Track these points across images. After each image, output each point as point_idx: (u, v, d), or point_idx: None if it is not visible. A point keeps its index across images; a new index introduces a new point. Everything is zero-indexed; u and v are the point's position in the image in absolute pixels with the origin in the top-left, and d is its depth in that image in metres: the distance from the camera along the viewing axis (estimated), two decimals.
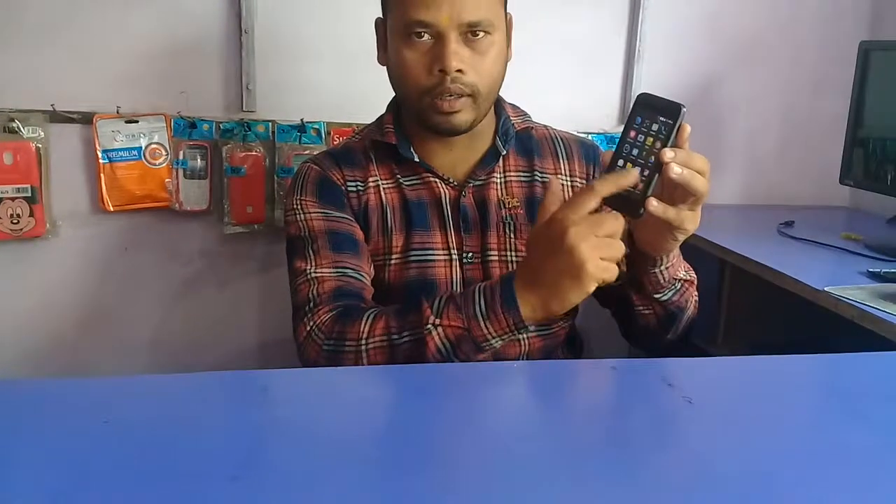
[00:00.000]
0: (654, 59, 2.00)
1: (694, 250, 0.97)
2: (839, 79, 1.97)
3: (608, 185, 0.86)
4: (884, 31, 2.07)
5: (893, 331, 1.14)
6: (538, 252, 0.91)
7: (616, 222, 0.87)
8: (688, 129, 0.88)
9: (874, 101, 1.78)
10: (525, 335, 0.93)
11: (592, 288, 0.88)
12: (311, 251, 1.13)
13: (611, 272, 0.87)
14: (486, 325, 0.94)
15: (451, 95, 1.08)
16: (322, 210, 1.16)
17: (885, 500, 0.59)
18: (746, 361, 0.92)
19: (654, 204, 0.87)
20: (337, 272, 1.11)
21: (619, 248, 0.87)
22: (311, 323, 1.05)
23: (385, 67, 1.18)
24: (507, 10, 1.16)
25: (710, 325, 1.70)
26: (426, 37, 1.08)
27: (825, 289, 1.30)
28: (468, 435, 0.69)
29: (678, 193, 0.89)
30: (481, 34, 1.09)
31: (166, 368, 1.89)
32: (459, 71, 1.07)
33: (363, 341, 1.00)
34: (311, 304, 1.08)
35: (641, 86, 2.00)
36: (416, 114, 1.14)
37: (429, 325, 0.96)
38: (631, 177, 0.86)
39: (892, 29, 2.05)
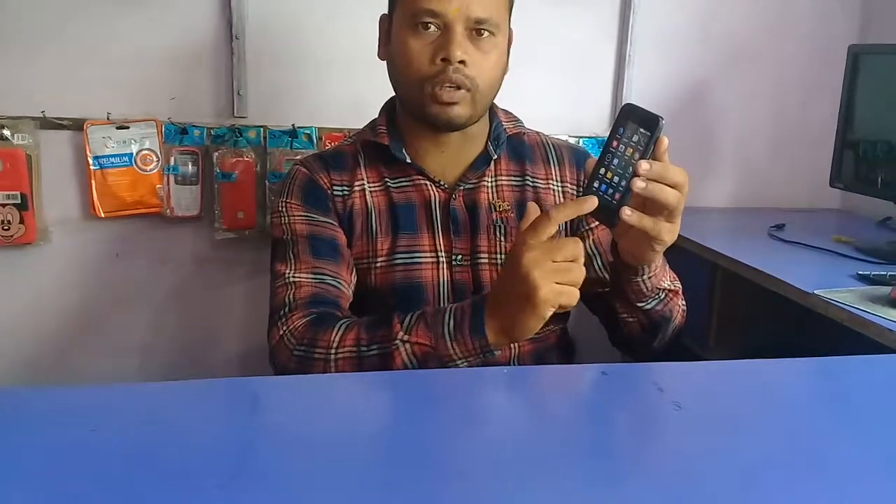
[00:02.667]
0: (644, 63, 2.01)
1: (685, 254, 0.97)
2: (829, 82, 1.98)
3: (565, 213, 0.88)
4: (872, 34, 2.08)
5: (882, 333, 1.15)
6: (504, 278, 0.93)
7: (575, 247, 0.89)
8: (665, 141, 0.89)
9: (863, 104, 1.79)
10: (491, 356, 0.94)
11: (548, 314, 0.89)
12: (291, 254, 1.14)
13: (568, 296, 0.89)
14: (452, 346, 0.95)
15: (451, 86, 1.09)
16: (306, 214, 1.17)
17: (874, 503, 0.59)
18: (736, 365, 0.92)
19: (627, 213, 0.89)
20: (315, 278, 1.12)
21: (578, 272, 0.89)
22: (285, 328, 1.07)
23: (385, 62, 1.19)
24: (511, 26, 1.18)
25: (701, 328, 1.70)
26: (433, 27, 1.09)
27: (815, 292, 1.30)
28: (459, 441, 0.69)
29: (650, 205, 0.91)
30: (486, 33, 1.11)
31: (158, 374, 1.89)
32: (462, 62, 1.09)
33: (332, 350, 1.01)
34: (287, 309, 1.09)
35: (632, 90, 2.01)
36: (414, 104, 1.14)
37: (397, 341, 0.98)
38: (588, 204, 0.88)
39: (881, 32, 2.06)
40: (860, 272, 1.43)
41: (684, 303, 1.19)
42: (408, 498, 0.58)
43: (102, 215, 1.76)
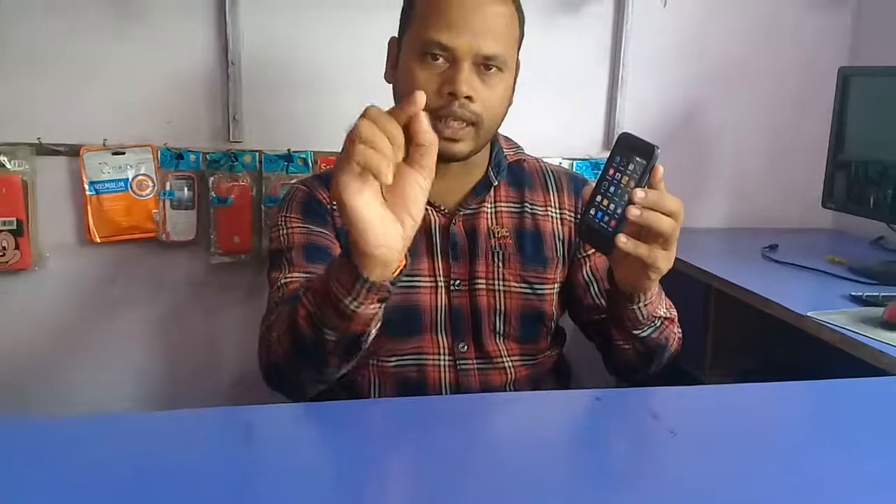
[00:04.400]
0: (637, 85, 2.02)
1: (679, 275, 0.98)
2: (820, 103, 1.99)
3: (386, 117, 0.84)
4: (863, 56, 2.10)
5: (875, 356, 1.15)
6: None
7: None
8: (660, 170, 0.90)
9: (854, 125, 1.80)
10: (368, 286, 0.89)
11: (343, 188, 0.84)
12: (285, 261, 1.15)
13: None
14: (334, 284, 0.90)
15: (455, 120, 1.10)
16: (304, 225, 1.18)
17: None
18: (730, 390, 0.93)
19: (622, 240, 0.90)
20: (306, 278, 1.12)
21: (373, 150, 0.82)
22: (267, 322, 1.07)
23: (389, 85, 1.19)
24: (519, 57, 1.18)
25: (697, 349, 1.70)
26: (441, 60, 1.09)
27: (808, 314, 1.31)
28: (453, 468, 0.69)
29: (645, 233, 0.92)
30: (494, 69, 1.11)
31: (154, 399, 1.89)
32: (468, 98, 1.09)
33: (275, 332, 1.01)
34: (274, 306, 1.09)
35: (625, 111, 2.02)
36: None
37: (300, 293, 0.96)
38: (410, 107, 0.84)
39: (871, 55, 2.08)
40: (853, 293, 1.43)
41: (680, 330, 1.19)
42: None
43: (98, 240, 1.77)
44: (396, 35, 1.19)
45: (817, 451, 0.75)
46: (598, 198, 0.91)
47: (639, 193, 0.88)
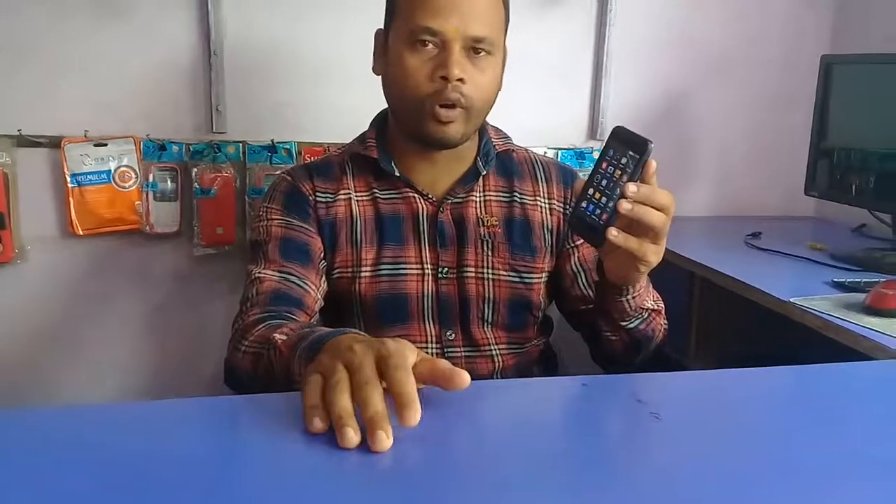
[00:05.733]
0: (621, 74, 2.03)
1: (663, 262, 0.99)
2: (803, 92, 2.00)
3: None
4: (844, 44, 2.12)
5: (857, 340, 1.16)
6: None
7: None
8: (653, 164, 0.91)
9: (837, 113, 1.81)
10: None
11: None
12: (261, 253, 1.16)
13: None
14: (298, 365, 0.87)
15: (448, 104, 1.10)
16: (284, 218, 1.19)
17: None
18: (714, 375, 0.93)
19: (613, 233, 0.91)
20: (280, 276, 1.13)
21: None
22: (239, 322, 1.09)
23: (376, 77, 1.20)
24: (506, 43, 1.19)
25: (681, 336, 1.71)
26: (430, 45, 1.10)
27: (791, 300, 1.32)
28: (438, 454, 0.69)
29: (636, 227, 0.92)
30: (483, 52, 1.11)
31: (138, 391, 1.88)
32: (460, 80, 1.09)
33: (244, 345, 1.03)
34: (248, 305, 1.11)
35: (609, 101, 2.03)
36: (410, 120, 1.14)
37: (274, 337, 0.95)
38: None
39: (853, 43, 2.09)
40: (835, 279, 1.45)
41: (666, 322, 1.21)
42: None
43: (81, 233, 1.75)
44: (382, 27, 1.19)
45: (801, 434, 0.75)
46: (591, 191, 0.91)
47: (631, 188, 0.89)
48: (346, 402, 0.68)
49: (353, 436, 0.65)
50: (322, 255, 1.19)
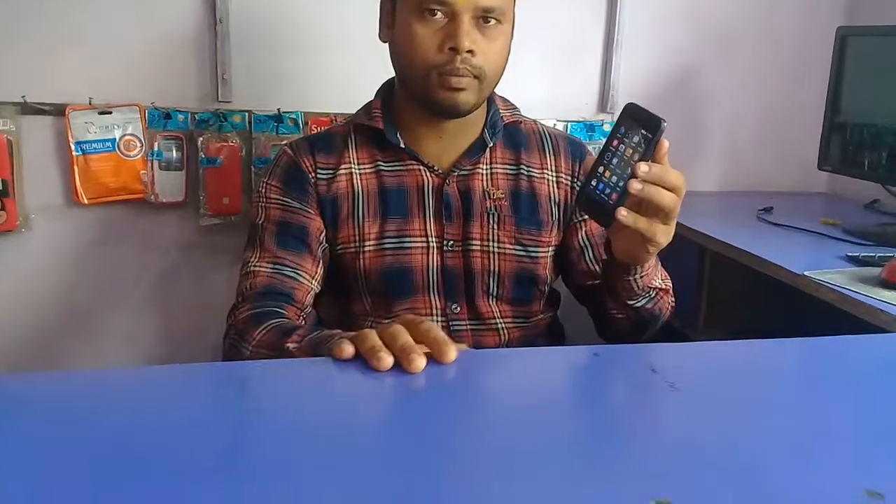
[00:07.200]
0: (633, 47, 2.00)
1: (675, 237, 0.97)
2: (817, 66, 1.98)
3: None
4: (860, 16, 2.08)
5: (872, 313, 1.15)
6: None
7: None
8: (665, 144, 0.89)
9: (851, 86, 1.79)
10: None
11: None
12: (258, 240, 1.17)
13: None
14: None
15: (458, 76, 1.08)
16: (283, 199, 1.18)
17: (868, 480, 0.59)
18: (729, 346, 0.92)
19: (623, 213, 0.89)
20: (273, 269, 1.14)
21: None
22: (233, 318, 1.11)
23: (383, 44, 1.18)
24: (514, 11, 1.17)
25: (691, 311, 1.70)
26: (440, 15, 1.08)
27: (805, 273, 1.30)
28: (451, 425, 0.68)
29: (646, 206, 0.90)
30: (493, 21, 1.10)
31: (142, 361, 1.88)
32: (470, 52, 1.08)
33: (251, 346, 1.04)
34: (241, 300, 1.13)
35: (620, 74, 2.00)
36: (419, 89, 1.12)
37: (288, 345, 0.98)
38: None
39: (868, 15, 2.06)
40: (849, 254, 1.43)
41: (673, 299, 1.20)
42: (400, 482, 0.57)
43: (86, 202, 1.74)
44: None
45: (816, 406, 0.74)
46: (601, 169, 0.90)
47: (642, 167, 0.87)
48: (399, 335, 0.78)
49: (419, 360, 0.75)
50: (322, 235, 1.18)
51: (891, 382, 0.81)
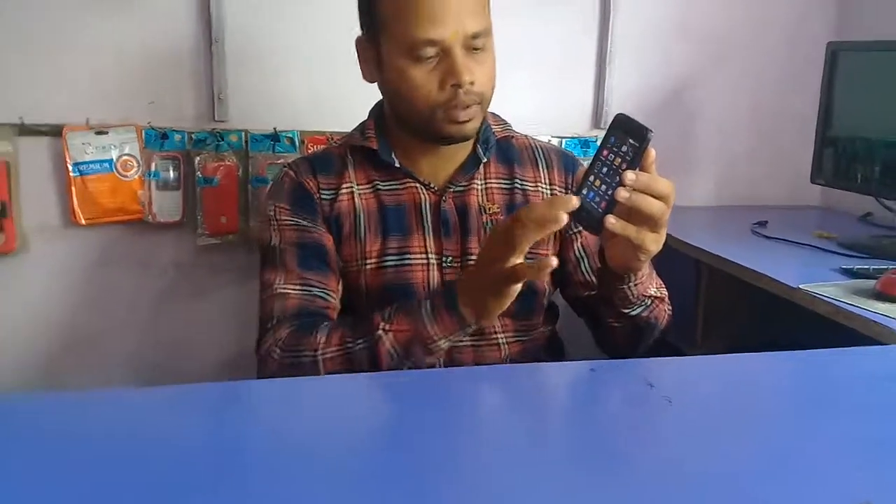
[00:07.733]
0: (625, 62, 2.01)
1: (669, 251, 0.98)
2: (808, 80, 1.99)
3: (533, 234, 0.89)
4: (850, 31, 2.10)
5: (867, 326, 1.15)
6: (480, 264, 0.96)
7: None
8: (652, 153, 0.90)
9: (842, 100, 1.80)
10: (469, 331, 0.99)
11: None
12: (280, 263, 1.15)
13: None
14: (432, 326, 0.98)
15: (464, 107, 1.10)
16: (295, 219, 1.18)
17: (864, 492, 0.59)
18: (725, 360, 0.92)
19: (611, 221, 0.90)
20: (303, 290, 1.13)
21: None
22: (271, 339, 1.08)
23: (375, 84, 1.19)
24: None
25: (687, 325, 1.70)
26: (431, 53, 1.08)
27: (800, 286, 1.31)
28: (448, 440, 0.68)
29: (635, 215, 0.91)
30: (480, 45, 1.11)
31: (142, 382, 1.87)
32: (471, 83, 1.09)
33: (320, 351, 1.03)
34: (274, 321, 1.11)
35: (613, 88, 2.02)
36: (424, 126, 1.13)
37: (379, 332, 1.00)
38: (556, 221, 0.87)
39: (858, 30, 2.07)
40: (844, 266, 1.44)
41: (670, 307, 1.20)
42: (400, 498, 0.57)
43: (83, 222, 1.74)
44: (361, 34, 1.18)
45: (814, 418, 0.75)
46: (591, 178, 0.91)
47: (629, 176, 0.88)
48: None
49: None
50: (335, 252, 1.18)
51: (886, 394, 0.81)
